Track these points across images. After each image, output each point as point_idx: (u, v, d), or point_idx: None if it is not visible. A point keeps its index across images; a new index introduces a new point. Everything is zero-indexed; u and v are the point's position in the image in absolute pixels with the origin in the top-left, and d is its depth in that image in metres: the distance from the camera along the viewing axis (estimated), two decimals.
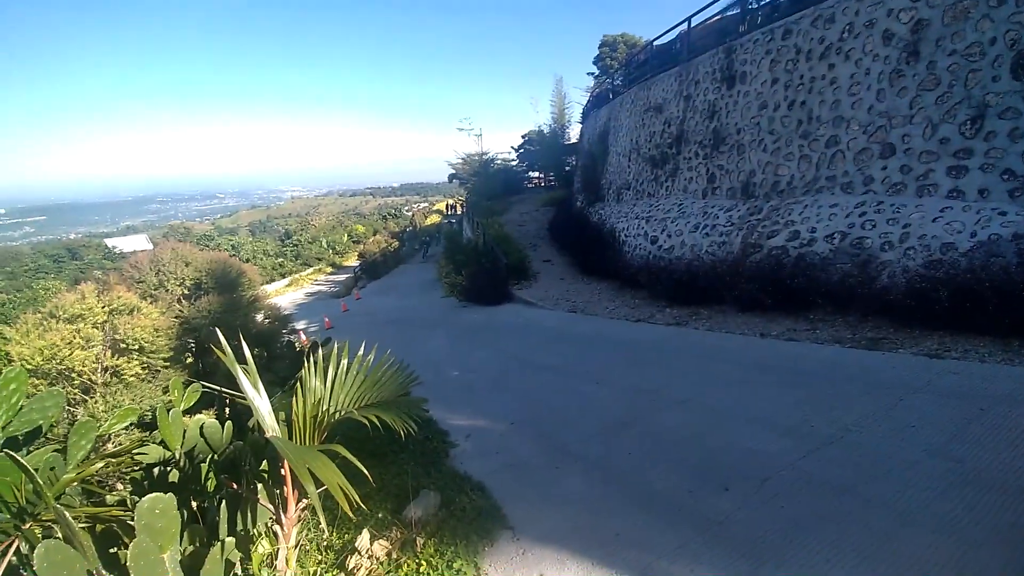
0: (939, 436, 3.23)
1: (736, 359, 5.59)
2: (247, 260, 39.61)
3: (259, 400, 1.86)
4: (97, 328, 4.36)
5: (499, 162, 34.04)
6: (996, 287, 5.05)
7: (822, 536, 2.46)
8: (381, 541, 2.63)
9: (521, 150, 34.48)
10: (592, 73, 33.37)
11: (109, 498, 2.43)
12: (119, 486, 2.99)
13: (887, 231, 6.67)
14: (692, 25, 12.52)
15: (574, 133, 30.01)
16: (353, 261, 44.82)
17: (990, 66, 5.96)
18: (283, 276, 44.94)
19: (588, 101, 23.70)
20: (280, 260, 49.75)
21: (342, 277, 39.74)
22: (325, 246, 54.00)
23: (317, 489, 1.66)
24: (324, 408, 2.06)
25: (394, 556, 2.57)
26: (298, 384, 2.11)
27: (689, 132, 11.67)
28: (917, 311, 5.56)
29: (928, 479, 2.79)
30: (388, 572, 2.46)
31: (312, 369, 2.19)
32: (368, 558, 2.53)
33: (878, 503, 2.65)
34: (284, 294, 33.93)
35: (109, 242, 57.96)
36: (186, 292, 6.40)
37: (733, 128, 10.12)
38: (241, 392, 1.87)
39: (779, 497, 2.84)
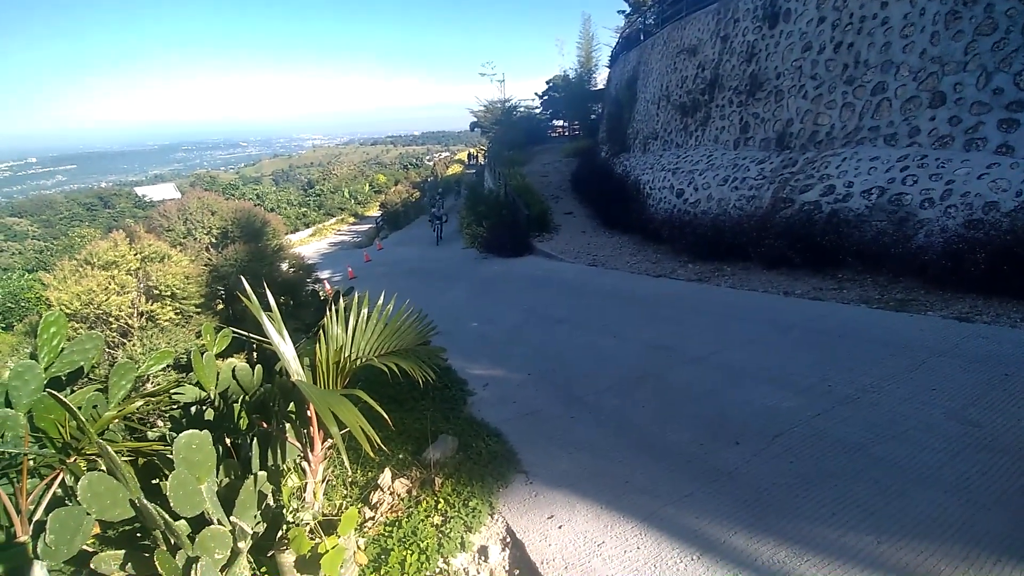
0: (959, 400, 3.19)
1: (758, 317, 5.53)
2: (271, 210, 40.16)
3: (284, 346, 1.93)
4: (131, 275, 4.54)
5: (522, 110, 32.94)
6: None
7: (829, 491, 2.51)
8: (402, 479, 2.79)
9: (545, 97, 33.19)
10: (623, 11, 31.35)
11: (150, 434, 2.61)
12: (159, 423, 3.19)
13: (929, 187, 6.34)
14: None
15: (601, 79, 28.66)
16: (375, 211, 44.99)
17: None
18: (307, 226, 45.55)
19: (617, 43, 22.44)
20: (303, 210, 50.29)
21: (364, 227, 40.09)
22: (347, 196, 54.19)
23: (340, 431, 1.76)
24: (346, 355, 2.14)
25: (414, 493, 2.73)
26: (321, 332, 2.19)
27: (724, 77, 11.05)
28: (951, 273, 5.36)
29: (943, 441, 2.79)
30: (408, 507, 2.63)
31: (334, 318, 2.26)
32: (390, 494, 2.69)
33: (889, 462, 2.67)
34: (308, 244, 34.52)
35: (139, 190, 59.26)
36: (213, 241, 6.56)
37: (772, 72, 9.53)
38: (267, 338, 1.95)
39: (789, 453, 2.88)
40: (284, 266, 7.15)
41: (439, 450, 3.08)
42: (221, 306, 5.40)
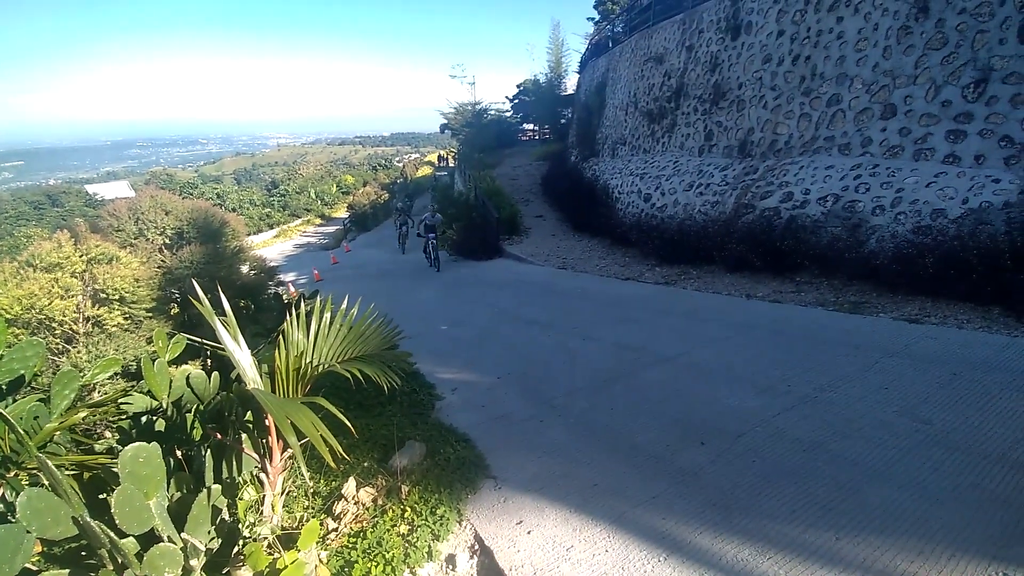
0: (911, 398, 3.33)
1: (721, 319, 5.67)
2: (233, 210, 38.87)
3: (239, 353, 1.85)
4: (76, 277, 4.28)
5: (492, 113, 33.03)
6: (982, 255, 5.09)
7: (790, 489, 2.57)
8: (367, 488, 2.71)
9: (516, 101, 33.40)
10: (592, 19, 31.86)
11: (98, 446, 2.46)
12: (107, 434, 3.02)
13: (880, 195, 6.65)
14: None
15: (571, 84, 29.06)
16: (342, 213, 44.17)
17: (998, 28, 5.75)
18: (270, 227, 44.32)
19: (587, 49, 22.77)
20: (267, 210, 48.88)
21: (331, 229, 39.31)
22: (313, 197, 53.02)
23: (301, 440, 1.69)
24: (307, 361, 2.06)
25: (379, 502, 2.66)
26: (281, 337, 2.11)
27: (689, 85, 11.33)
28: (902, 276, 5.62)
29: (897, 438, 2.90)
30: (374, 517, 2.55)
31: (295, 322, 2.18)
32: (354, 504, 2.61)
33: (846, 460, 2.77)
34: (272, 245, 33.59)
35: (89, 188, 55.97)
36: (167, 242, 6.26)
37: (735, 82, 9.83)
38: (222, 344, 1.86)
39: (752, 452, 2.94)
40: (244, 268, 6.89)
41: (406, 457, 3.02)
42: (176, 310, 5.15)
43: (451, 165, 35.03)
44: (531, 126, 34.12)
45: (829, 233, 6.97)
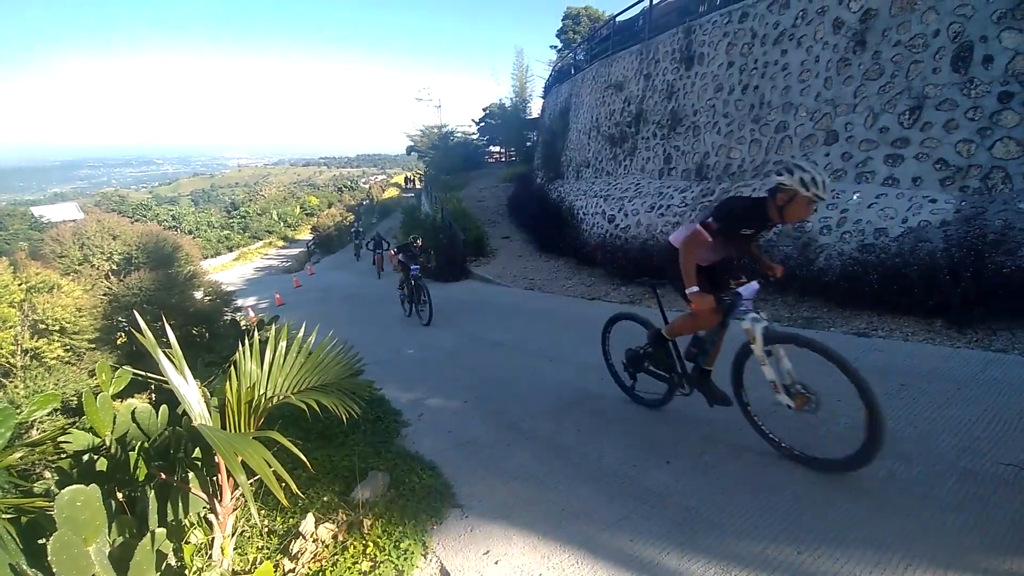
0: (862, 409, 3.46)
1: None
2: (189, 232, 37.62)
3: (185, 387, 1.76)
4: (14, 307, 4.02)
5: (459, 135, 33.41)
6: (922, 271, 5.39)
7: (752, 504, 2.61)
8: (327, 524, 2.60)
9: (482, 124, 33.91)
10: (555, 46, 32.98)
11: (36, 487, 2.30)
12: (47, 474, 2.82)
13: (826, 215, 7.00)
14: (654, 2, 12.51)
15: (536, 108, 29.76)
16: (306, 235, 43.37)
17: (932, 58, 6.20)
18: (230, 250, 43.01)
19: (550, 75, 23.45)
20: (226, 233, 47.45)
21: (294, 251, 38.48)
22: (276, 218, 51.87)
23: (252, 477, 1.61)
24: (260, 393, 1.98)
25: (340, 538, 2.54)
26: (232, 368, 2.02)
27: (648, 111, 11.76)
28: (850, 292, 5.90)
29: (849, 449, 2.99)
30: (334, 555, 2.44)
31: (247, 351, 2.09)
32: (313, 541, 2.49)
33: (803, 472, 2.84)
34: (231, 268, 32.55)
35: (36, 210, 52.85)
36: (115, 268, 5.95)
37: (690, 110, 10.27)
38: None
39: (715, 469, 2.99)
40: (199, 294, 6.62)
41: (369, 488, 2.91)
42: (123, 339, 4.88)
43: (418, 187, 35.07)
44: (497, 149, 34.63)
45: (782, 252, 7.28)
